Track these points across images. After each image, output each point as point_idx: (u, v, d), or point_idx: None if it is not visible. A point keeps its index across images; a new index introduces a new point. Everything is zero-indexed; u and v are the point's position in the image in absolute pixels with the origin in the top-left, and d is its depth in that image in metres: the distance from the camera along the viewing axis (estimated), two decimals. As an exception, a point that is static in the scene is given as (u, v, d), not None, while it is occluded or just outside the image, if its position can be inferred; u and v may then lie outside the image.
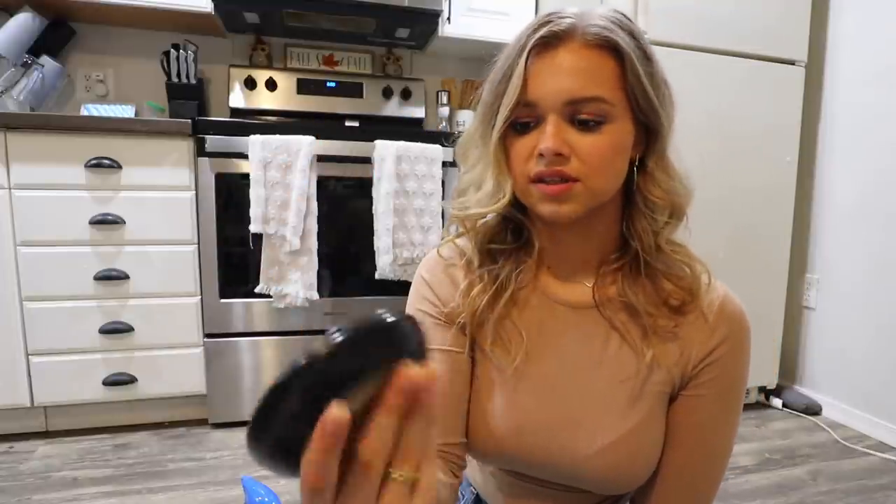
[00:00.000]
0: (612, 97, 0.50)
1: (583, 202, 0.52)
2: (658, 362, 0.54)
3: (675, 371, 0.55)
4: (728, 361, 0.55)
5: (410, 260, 1.73)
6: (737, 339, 0.55)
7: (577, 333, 0.58)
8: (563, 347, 0.58)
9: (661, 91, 0.53)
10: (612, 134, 0.51)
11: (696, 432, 0.56)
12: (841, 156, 1.93)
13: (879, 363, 1.78)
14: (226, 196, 1.64)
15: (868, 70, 1.83)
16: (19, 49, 1.80)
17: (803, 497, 1.41)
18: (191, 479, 1.42)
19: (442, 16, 2.02)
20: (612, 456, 0.54)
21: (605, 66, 0.50)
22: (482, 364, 0.60)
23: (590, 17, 0.51)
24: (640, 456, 0.55)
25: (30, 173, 1.51)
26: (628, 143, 0.53)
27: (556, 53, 0.50)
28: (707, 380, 0.55)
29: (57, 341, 1.58)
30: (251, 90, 2.11)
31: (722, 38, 1.75)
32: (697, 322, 0.55)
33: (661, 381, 0.55)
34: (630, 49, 0.50)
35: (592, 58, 0.50)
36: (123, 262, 1.59)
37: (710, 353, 0.54)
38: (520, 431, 0.56)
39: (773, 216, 1.91)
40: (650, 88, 0.51)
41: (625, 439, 0.54)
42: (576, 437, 0.55)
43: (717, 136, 1.78)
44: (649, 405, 0.55)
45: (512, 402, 0.57)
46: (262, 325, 1.72)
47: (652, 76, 0.52)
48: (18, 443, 1.59)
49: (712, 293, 0.55)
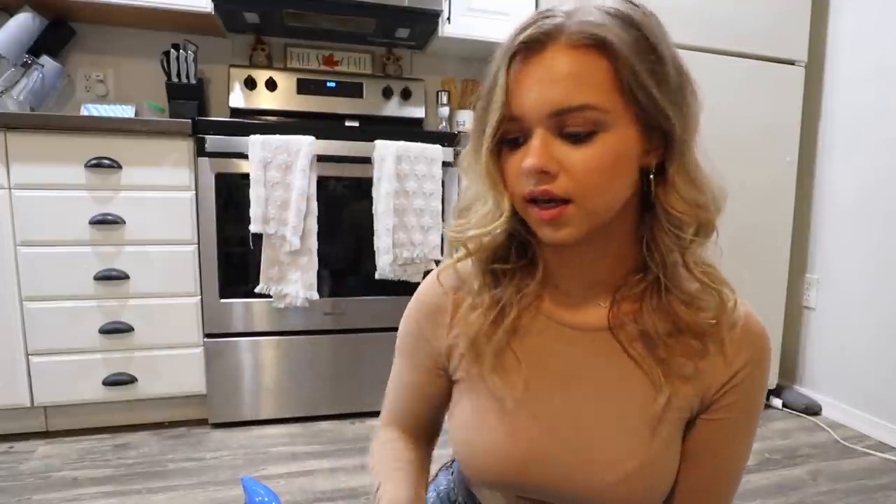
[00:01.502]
0: (604, 103, 0.44)
1: (579, 225, 0.47)
2: (676, 393, 0.51)
3: (695, 399, 0.53)
4: (749, 384, 0.52)
5: (410, 260, 1.73)
6: (759, 362, 0.52)
7: (586, 357, 0.54)
8: (570, 372, 0.54)
9: (670, 87, 0.46)
10: (607, 145, 0.45)
11: (715, 453, 0.54)
12: (841, 155, 1.93)
13: (879, 363, 1.78)
14: (226, 196, 1.64)
15: (868, 69, 1.83)
16: (19, 49, 1.80)
17: (803, 497, 1.41)
18: (191, 479, 1.42)
19: (442, 16, 2.02)
20: (635, 483, 0.51)
21: (594, 69, 0.44)
22: (477, 391, 0.56)
23: (582, 13, 0.45)
24: (661, 482, 0.53)
25: (30, 173, 1.51)
26: (632, 152, 0.47)
27: (541, 59, 0.45)
28: (728, 403, 0.52)
29: (57, 341, 1.58)
30: (251, 90, 2.11)
31: (722, 38, 1.75)
32: (721, 349, 0.51)
33: (679, 408, 0.52)
34: (624, 44, 0.44)
35: (579, 60, 0.44)
36: (123, 262, 1.59)
37: (732, 377, 0.51)
38: (525, 463, 0.53)
39: (773, 216, 1.91)
40: (653, 86, 0.45)
41: (646, 467, 0.51)
42: (591, 465, 0.52)
43: (717, 136, 1.76)
44: (668, 431, 0.52)
45: (514, 431, 0.54)
46: (262, 325, 1.72)
47: (658, 71, 0.45)
48: (18, 443, 1.59)
49: (735, 316, 0.51)
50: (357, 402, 1.83)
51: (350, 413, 1.82)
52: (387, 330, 1.81)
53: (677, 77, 0.47)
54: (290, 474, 1.46)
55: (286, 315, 1.73)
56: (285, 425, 1.75)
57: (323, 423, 1.78)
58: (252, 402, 1.75)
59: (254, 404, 1.75)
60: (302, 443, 1.65)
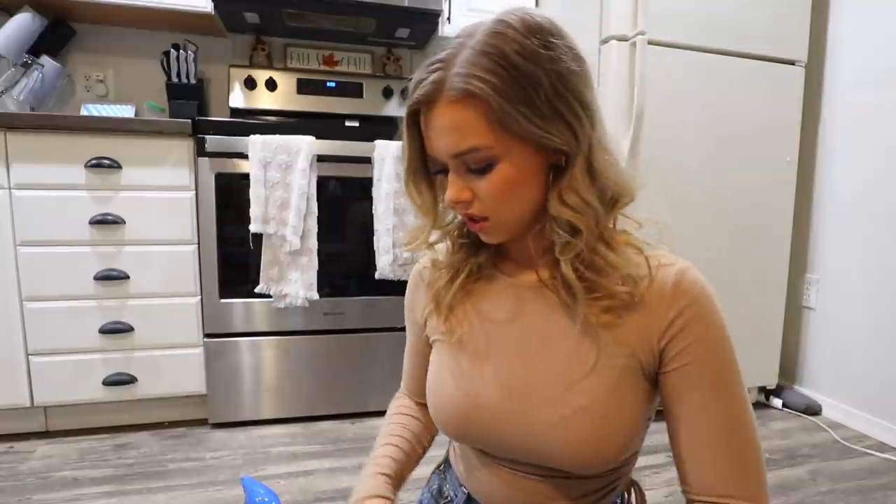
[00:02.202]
0: (487, 142, 0.51)
1: (501, 232, 0.58)
2: (615, 339, 0.55)
3: (639, 348, 0.55)
4: (697, 326, 0.54)
5: (410, 260, 1.73)
6: (699, 305, 0.54)
7: (526, 306, 0.61)
8: (512, 318, 0.61)
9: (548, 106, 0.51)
10: (503, 172, 0.53)
11: (704, 408, 0.55)
12: (841, 156, 1.93)
13: (879, 363, 1.78)
14: (226, 196, 1.64)
15: (868, 70, 1.83)
16: (19, 49, 1.80)
17: (803, 497, 1.41)
18: (191, 479, 1.42)
19: (442, 16, 2.02)
20: (574, 428, 0.54)
21: (469, 117, 0.51)
22: (441, 350, 0.66)
23: (459, 60, 0.51)
24: (607, 431, 0.55)
25: (30, 173, 1.51)
26: (531, 170, 0.54)
27: (433, 115, 0.53)
28: (682, 349, 0.54)
29: (57, 341, 1.58)
30: (251, 90, 2.11)
31: (722, 38, 1.75)
32: (653, 299, 0.55)
33: (623, 356, 0.55)
34: (492, 87, 0.49)
35: (458, 114, 0.51)
36: (123, 262, 1.59)
37: (672, 323, 0.54)
38: (475, 396, 0.60)
39: (773, 216, 1.91)
40: (526, 115, 0.50)
41: (589, 409, 0.55)
42: (536, 404, 0.57)
43: (717, 136, 1.78)
44: (613, 378, 0.55)
45: (463, 370, 0.62)
46: (262, 325, 1.72)
47: (530, 95, 0.50)
48: (18, 443, 1.59)
49: (668, 270, 0.55)
50: (357, 402, 1.83)
51: (350, 413, 1.82)
52: (387, 330, 1.81)
53: (556, 88, 0.51)
54: (290, 474, 1.46)
55: (286, 315, 1.73)
56: (285, 425, 1.75)
57: (323, 423, 1.78)
58: (252, 402, 1.75)
59: (254, 404, 1.75)
60: (302, 443, 1.65)
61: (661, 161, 1.70)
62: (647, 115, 1.62)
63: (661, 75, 1.65)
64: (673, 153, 1.73)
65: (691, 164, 1.76)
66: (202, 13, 1.86)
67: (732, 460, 0.54)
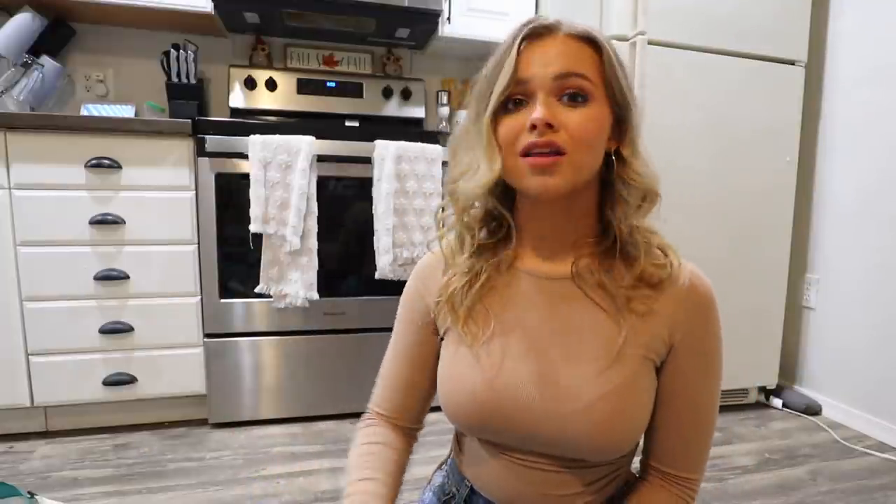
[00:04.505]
0: (594, 78, 0.56)
1: (569, 176, 0.56)
2: (636, 331, 0.58)
3: (658, 339, 0.59)
4: (693, 326, 0.60)
5: (410, 260, 1.73)
6: (700, 307, 0.60)
7: (552, 299, 0.62)
8: (536, 311, 0.62)
9: (629, 90, 0.59)
10: (594, 112, 0.56)
11: (680, 393, 0.61)
12: (841, 156, 1.93)
13: (879, 363, 1.78)
14: (226, 196, 1.64)
15: (868, 70, 1.83)
16: (19, 49, 1.80)
17: (803, 497, 1.41)
18: (191, 479, 1.42)
19: (442, 16, 2.02)
20: (597, 414, 0.56)
21: (587, 54, 0.56)
22: (455, 342, 0.64)
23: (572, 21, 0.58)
24: (626, 417, 0.58)
25: (30, 173, 1.51)
26: (608, 126, 0.58)
27: (544, 42, 0.56)
28: (687, 344, 0.60)
29: (57, 341, 1.58)
30: (251, 90, 2.11)
31: (722, 38, 1.75)
32: (672, 298, 0.59)
33: (643, 346, 0.59)
34: (607, 45, 0.57)
35: (576, 46, 0.56)
36: (123, 262, 1.59)
37: (685, 320, 0.60)
38: (493, 385, 0.59)
39: (773, 216, 1.91)
40: (623, 82, 0.57)
41: (609, 397, 0.57)
42: (556, 393, 0.58)
43: (717, 136, 1.78)
44: (632, 368, 0.58)
45: (482, 360, 0.61)
46: (262, 325, 1.72)
47: (623, 75, 0.58)
48: (18, 443, 1.59)
49: (680, 272, 0.60)
50: (357, 402, 1.81)
51: (350, 413, 1.82)
52: (387, 330, 1.79)
53: (630, 82, 0.60)
54: (291, 474, 1.46)
55: (286, 315, 1.73)
56: (285, 425, 1.75)
57: (323, 423, 1.78)
58: (252, 402, 1.75)
59: (254, 404, 1.75)
60: (302, 443, 1.65)
61: (661, 161, 1.68)
62: (647, 115, 1.62)
63: (661, 75, 1.66)
64: (673, 153, 1.73)
65: (691, 164, 1.76)
66: (202, 13, 1.86)
67: (696, 443, 0.64)
